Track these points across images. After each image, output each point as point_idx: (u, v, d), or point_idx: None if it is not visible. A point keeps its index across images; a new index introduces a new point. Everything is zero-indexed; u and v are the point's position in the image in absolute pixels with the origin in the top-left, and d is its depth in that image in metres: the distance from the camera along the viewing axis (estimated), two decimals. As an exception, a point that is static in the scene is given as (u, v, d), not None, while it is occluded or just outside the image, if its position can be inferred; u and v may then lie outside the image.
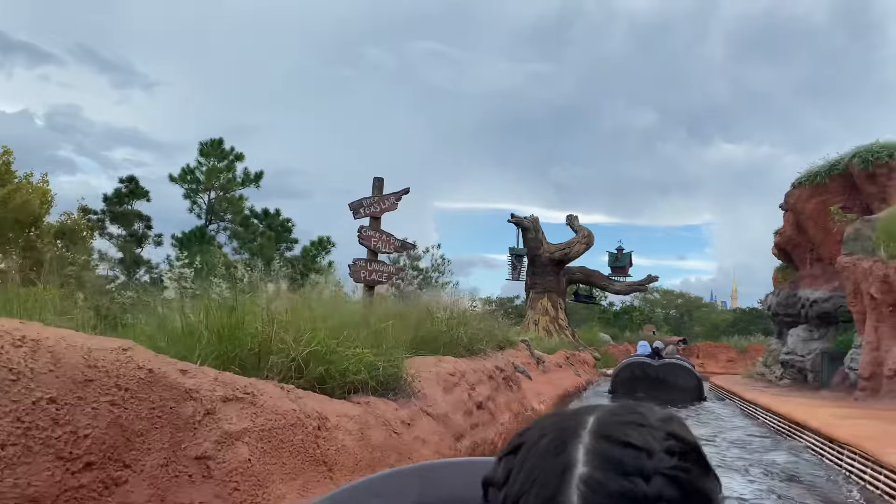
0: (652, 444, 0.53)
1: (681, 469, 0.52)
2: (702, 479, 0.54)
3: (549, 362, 16.16)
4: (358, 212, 9.31)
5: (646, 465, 0.52)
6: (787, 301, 21.16)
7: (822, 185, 18.38)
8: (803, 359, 18.58)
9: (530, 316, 26.26)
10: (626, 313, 51.75)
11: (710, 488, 0.54)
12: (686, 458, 0.54)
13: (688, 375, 17.04)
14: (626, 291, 29.91)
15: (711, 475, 0.55)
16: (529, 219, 26.69)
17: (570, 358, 19.64)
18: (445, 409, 6.23)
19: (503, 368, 8.94)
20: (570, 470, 0.52)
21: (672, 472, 0.52)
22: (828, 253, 18.87)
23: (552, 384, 13.50)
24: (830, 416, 10.12)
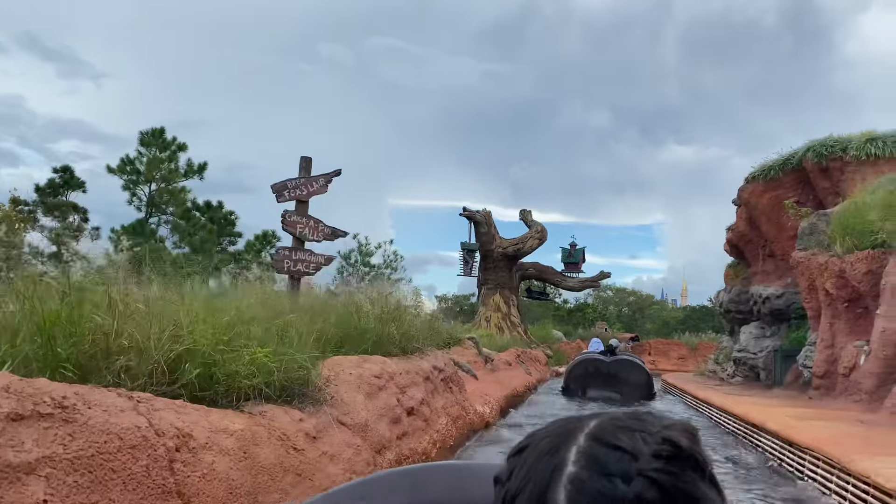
0: (640, 447, 0.54)
1: (664, 472, 0.52)
2: (691, 484, 0.53)
3: (499, 360, 15.44)
4: (281, 194, 8.37)
5: (629, 467, 0.53)
6: (739, 298, 20.91)
7: (775, 179, 18.10)
8: (755, 356, 18.29)
9: (482, 312, 25.54)
10: (580, 311, 51.71)
11: (700, 495, 0.53)
12: (674, 462, 0.53)
13: (638, 372, 17.13)
14: (579, 288, 29.47)
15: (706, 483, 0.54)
16: (482, 213, 25.97)
17: (521, 356, 18.99)
18: (366, 417, 5.36)
19: (442, 368, 8.11)
20: (560, 469, 0.54)
21: (654, 475, 0.52)
22: (780, 249, 18.64)
23: (500, 384, 12.75)
24: (787, 417, 9.60)
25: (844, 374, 12.56)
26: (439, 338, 12.74)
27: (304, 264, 8.38)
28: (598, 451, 0.54)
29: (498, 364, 14.88)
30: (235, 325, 4.45)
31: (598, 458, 0.54)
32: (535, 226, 26.95)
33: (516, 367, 17.07)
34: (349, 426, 5.08)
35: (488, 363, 13.72)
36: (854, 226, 12.84)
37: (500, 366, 15.01)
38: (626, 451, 0.54)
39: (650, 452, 0.53)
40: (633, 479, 0.52)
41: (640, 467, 0.53)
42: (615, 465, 0.53)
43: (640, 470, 0.52)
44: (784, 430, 8.32)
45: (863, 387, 11.36)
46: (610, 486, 0.52)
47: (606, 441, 0.55)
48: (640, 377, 16.96)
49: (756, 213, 18.88)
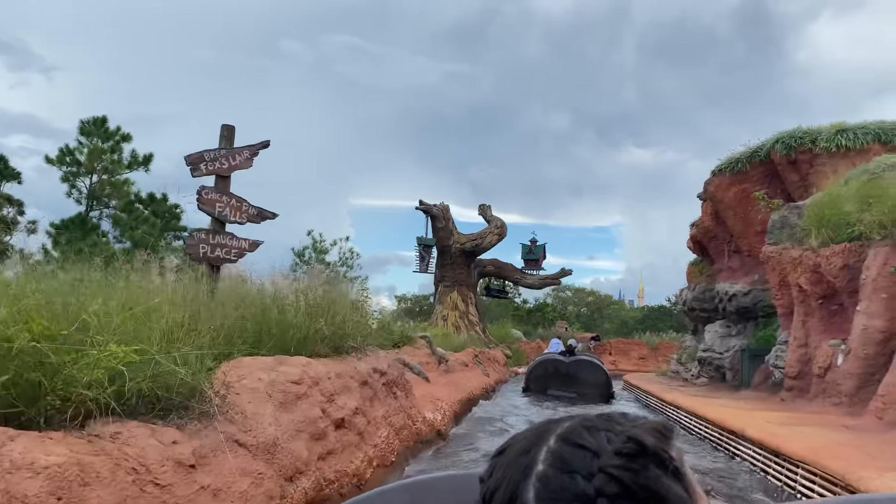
0: (604, 445, 0.57)
1: (624, 468, 0.55)
2: (653, 480, 0.55)
3: (455, 361, 14.38)
4: (197, 167, 7.14)
5: (591, 464, 0.55)
6: (704, 295, 20.27)
7: (742, 172, 17.46)
8: (721, 356, 17.62)
9: (439, 311, 24.43)
10: (539, 310, 51.11)
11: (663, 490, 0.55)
12: (637, 459, 0.55)
13: (597, 372, 17.31)
14: (539, 285, 28.58)
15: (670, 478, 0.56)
16: (439, 206, 24.86)
17: (478, 356, 17.97)
18: (275, 433, 4.22)
19: (385, 371, 7.00)
20: (531, 468, 0.57)
21: (614, 471, 0.54)
22: (747, 245, 18.03)
23: (455, 386, 11.68)
24: (767, 423, 8.76)
25: (819, 374, 11.83)
26: (389, 336, 11.65)
27: (225, 250, 7.17)
28: (565, 450, 0.58)
29: (453, 365, 13.82)
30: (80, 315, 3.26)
31: (563, 457, 0.57)
32: (494, 221, 25.94)
33: (473, 368, 16.04)
34: (250, 447, 3.93)
35: (442, 364, 12.65)
36: (829, 218, 12.13)
37: (455, 367, 13.95)
38: (590, 449, 0.57)
39: (612, 450, 0.56)
40: (595, 475, 0.55)
41: (601, 464, 0.55)
42: (578, 462, 0.56)
43: (601, 466, 0.55)
44: (769, 439, 7.43)
45: (842, 388, 10.62)
46: (572, 482, 0.55)
47: (572, 441, 0.58)
48: (598, 377, 17.11)
49: (722, 207, 18.22)
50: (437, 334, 18.91)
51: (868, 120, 16.17)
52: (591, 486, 0.54)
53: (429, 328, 20.76)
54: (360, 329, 7.03)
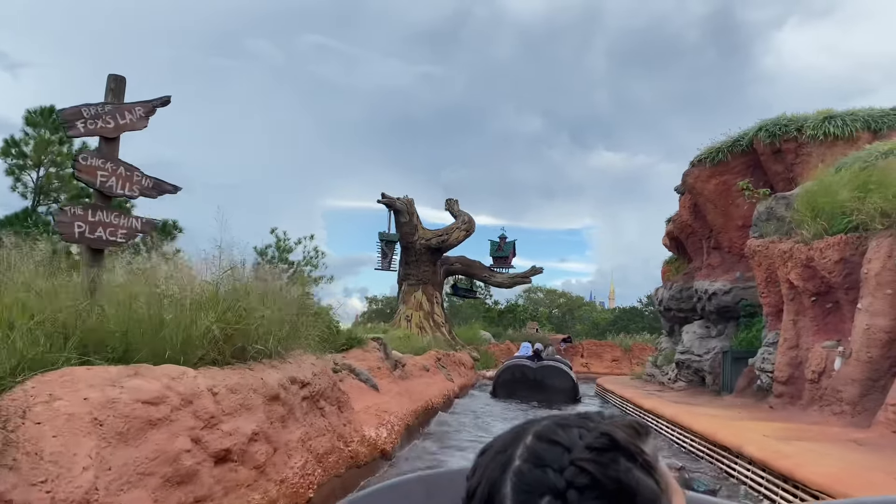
0: (575, 441, 0.59)
1: (594, 462, 0.57)
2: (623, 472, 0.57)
3: (413, 366, 13.02)
4: (73, 126, 5.69)
5: (562, 459, 0.58)
6: (681, 295, 19.19)
7: (723, 162, 16.39)
8: (700, 359, 16.52)
9: (402, 311, 22.99)
10: (511, 311, 49.96)
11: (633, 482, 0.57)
12: (607, 453, 0.58)
13: (563, 377, 17.35)
14: (508, 284, 27.27)
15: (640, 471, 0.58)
16: (403, 200, 23.43)
17: (442, 359, 16.62)
18: (92, 483, 2.79)
19: (307, 381, 5.60)
20: (508, 464, 0.60)
21: (584, 464, 0.57)
22: (727, 240, 16.98)
23: (409, 395, 10.31)
24: (765, 437, 7.54)
25: (813, 379, 10.72)
26: (332, 338, 10.28)
27: (109, 230, 5.71)
28: (539, 446, 0.60)
29: (411, 370, 12.45)
30: None
31: (537, 452, 0.59)
32: (461, 216, 24.58)
33: (435, 373, 14.68)
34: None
35: (398, 369, 11.27)
36: (823, 207, 11.05)
37: (413, 372, 12.58)
38: (562, 444, 0.59)
39: (584, 445, 0.59)
40: (566, 468, 0.57)
41: (572, 458, 0.58)
42: (550, 457, 0.58)
43: (572, 460, 0.57)
44: (775, 460, 6.19)
45: (843, 396, 9.49)
46: (544, 475, 0.57)
47: (546, 437, 0.61)
48: (565, 383, 17.23)
49: (701, 200, 17.13)
50: (398, 336, 17.54)
51: (855, 107, 15.19)
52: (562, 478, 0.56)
53: (391, 329, 19.38)
54: (278, 327, 5.62)
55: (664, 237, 23.01)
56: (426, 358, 15.19)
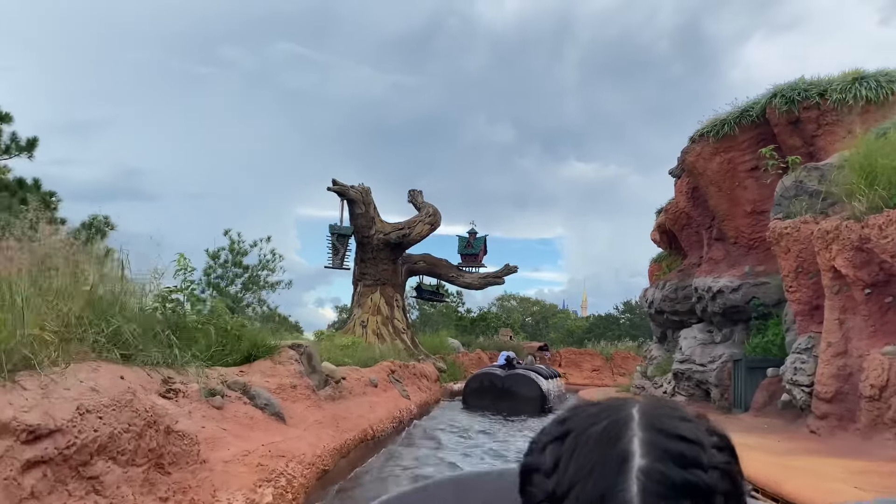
0: (703, 437, 0.55)
1: (730, 464, 0.55)
2: (739, 474, 0.56)
3: (356, 381, 10.18)
4: None
5: (702, 458, 0.53)
6: (676, 294, 16.63)
7: (729, 137, 13.87)
8: (704, 369, 13.91)
9: (357, 315, 20.00)
10: (483, 319, 47.32)
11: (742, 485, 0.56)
12: (730, 453, 0.56)
13: (531, 386, 16.96)
14: (479, 285, 24.31)
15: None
16: (358, 188, 20.50)
17: (398, 371, 13.76)
18: None
19: (60, 427, 2.67)
20: (628, 461, 0.53)
21: (725, 467, 0.54)
22: (733, 229, 14.42)
23: (337, 424, 7.46)
24: (858, 492, 4.83)
25: (872, 396, 8.13)
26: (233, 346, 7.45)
27: None
28: (667, 441, 0.54)
29: (351, 387, 9.60)
30: None
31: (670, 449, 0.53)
32: (425, 208, 21.69)
33: (387, 390, 11.84)
34: None
35: (327, 387, 8.41)
36: (881, 172, 8.49)
37: (354, 389, 9.73)
38: (693, 441, 0.54)
39: (710, 444, 0.55)
40: (708, 470, 0.53)
41: (710, 459, 0.53)
42: (690, 455, 0.53)
43: (711, 462, 0.53)
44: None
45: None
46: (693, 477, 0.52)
47: (669, 431, 0.55)
48: (532, 391, 16.84)
49: (703, 181, 14.58)
50: (342, 344, 14.64)
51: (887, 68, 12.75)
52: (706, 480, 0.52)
53: (336, 336, 16.48)
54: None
55: (653, 231, 20.53)
56: (376, 370, 12.34)
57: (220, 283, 40.04)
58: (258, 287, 41.77)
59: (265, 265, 41.47)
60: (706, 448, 0.54)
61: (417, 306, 53.05)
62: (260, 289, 41.84)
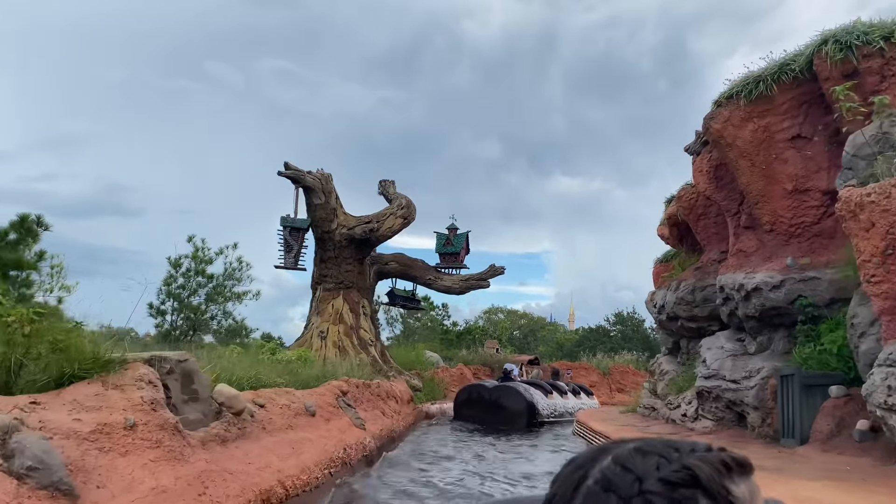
0: (650, 471, 0.58)
1: (663, 496, 0.56)
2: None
3: (279, 410, 7.28)
4: None
5: (631, 487, 0.57)
6: (694, 297, 13.88)
7: (765, 98, 11.20)
8: (737, 386, 11.11)
9: (315, 325, 16.91)
10: (469, 333, 44.42)
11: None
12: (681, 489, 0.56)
13: (517, 399, 16.56)
14: (460, 289, 20.92)
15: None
16: (316, 174, 17.47)
17: (352, 393, 10.83)
18: None
19: None
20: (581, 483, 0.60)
21: (652, 497, 0.56)
22: (770, 213, 11.68)
23: (199, 491, 4.49)
24: None
25: None
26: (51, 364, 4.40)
27: None
28: (612, 470, 0.59)
29: (268, 419, 6.69)
30: None
31: (607, 476, 0.59)
32: (397, 200, 18.70)
33: (332, 418, 8.92)
34: None
35: (218, 421, 5.48)
36: None
37: (274, 422, 6.84)
38: (634, 472, 0.58)
39: (658, 476, 0.57)
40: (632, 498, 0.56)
41: (642, 488, 0.57)
42: (620, 483, 0.58)
43: (641, 490, 0.57)
44: None
45: None
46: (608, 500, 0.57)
47: (621, 462, 0.60)
48: (517, 404, 16.43)
49: (731, 155, 11.84)
50: (289, 359, 11.71)
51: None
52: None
53: (280, 351, 13.54)
54: None
55: (660, 226, 17.83)
56: (319, 393, 9.41)
57: (181, 293, 37.04)
58: (224, 298, 38.71)
59: (231, 274, 38.44)
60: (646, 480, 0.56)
61: (401, 319, 50.07)
62: (226, 300, 38.80)
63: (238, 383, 7.92)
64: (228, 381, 7.50)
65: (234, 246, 37.01)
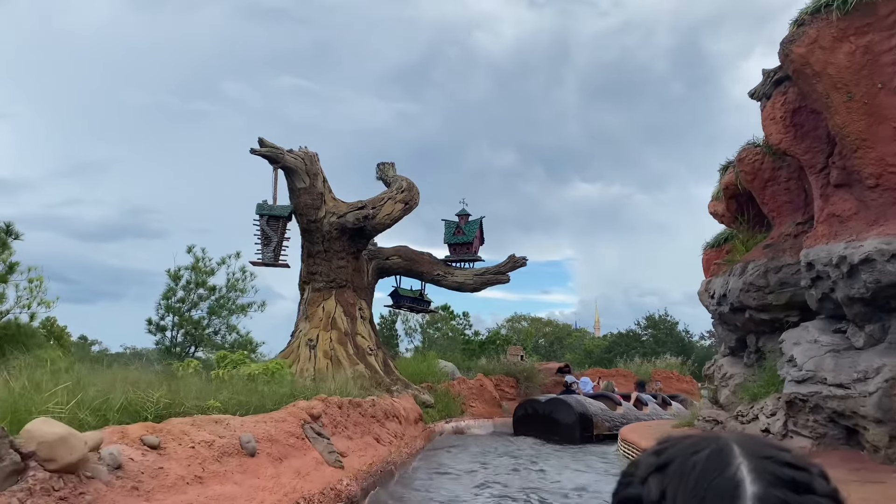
0: (809, 464, 0.57)
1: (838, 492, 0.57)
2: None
3: (187, 452, 4.60)
4: None
5: (815, 484, 0.55)
6: (767, 280, 11.15)
7: (865, 9, 8.44)
8: (848, 392, 8.34)
9: (303, 331, 14.13)
10: (492, 342, 41.87)
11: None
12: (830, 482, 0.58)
13: (568, 412, 16.03)
14: (474, 285, 17.41)
15: None
16: (298, 153, 14.73)
17: (329, 416, 8.20)
18: None
19: None
20: (740, 487, 0.54)
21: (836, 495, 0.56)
22: (876, 160, 8.91)
23: None
24: None
25: None
26: None
27: None
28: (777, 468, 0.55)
29: (163, 468, 4.03)
30: None
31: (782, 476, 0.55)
32: (397, 182, 15.93)
33: (286, 457, 6.28)
34: None
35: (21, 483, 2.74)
36: None
37: (174, 471, 4.21)
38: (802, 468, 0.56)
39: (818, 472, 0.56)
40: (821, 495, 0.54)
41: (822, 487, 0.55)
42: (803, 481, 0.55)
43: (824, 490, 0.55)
44: None
45: None
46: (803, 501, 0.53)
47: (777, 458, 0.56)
48: (568, 417, 15.98)
49: (820, 88, 9.09)
50: (253, 373, 9.14)
51: None
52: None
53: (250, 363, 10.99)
54: None
55: (712, 202, 15.03)
56: (278, 419, 6.78)
57: (180, 307, 34.67)
58: (228, 311, 36.26)
59: (234, 285, 35.96)
60: (815, 475, 0.55)
61: (419, 329, 47.49)
62: (230, 313, 36.35)
63: (133, 409, 5.34)
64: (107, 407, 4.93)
65: (237, 255, 34.70)
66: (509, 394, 19.97)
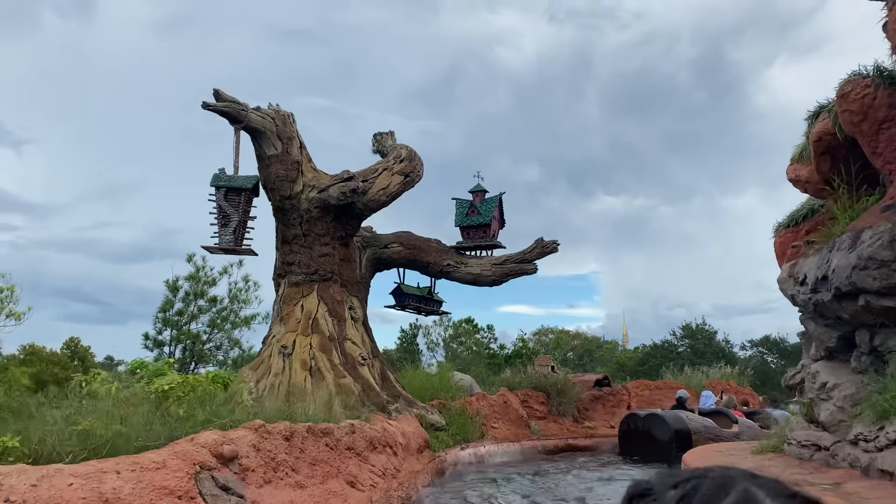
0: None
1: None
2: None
3: None
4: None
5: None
6: (894, 251, 8.01)
7: None
8: None
9: (276, 336, 11.05)
10: (519, 356, 39.23)
11: None
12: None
13: (663, 428, 15.36)
14: (493, 276, 13.87)
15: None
16: (267, 111, 11.75)
17: (274, 453, 5.26)
18: None
19: None
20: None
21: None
22: None
23: None
24: None
25: None
26: None
27: None
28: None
29: None
30: None
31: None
32: (396, 151, 12.86)
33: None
34: None
35: None
36: None
37: None
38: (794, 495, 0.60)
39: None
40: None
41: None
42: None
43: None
44: None
45: None
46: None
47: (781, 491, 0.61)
48: (663, 434, 15.21)
49: None
50: (165, 387, 6.30)
51: None
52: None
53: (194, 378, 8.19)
54: None
55: (793, 165, 11.98)
56: (152, 466, 3.89)
57: (179, 320, 32.21)
58: (231, 324, 33.70)
59: (236, 296, 33.39)
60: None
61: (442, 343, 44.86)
62: (234, 326, 33.78)
63: None
64: None
65: (240, 263, 32.15)
66: (539, 411, 16.96)
